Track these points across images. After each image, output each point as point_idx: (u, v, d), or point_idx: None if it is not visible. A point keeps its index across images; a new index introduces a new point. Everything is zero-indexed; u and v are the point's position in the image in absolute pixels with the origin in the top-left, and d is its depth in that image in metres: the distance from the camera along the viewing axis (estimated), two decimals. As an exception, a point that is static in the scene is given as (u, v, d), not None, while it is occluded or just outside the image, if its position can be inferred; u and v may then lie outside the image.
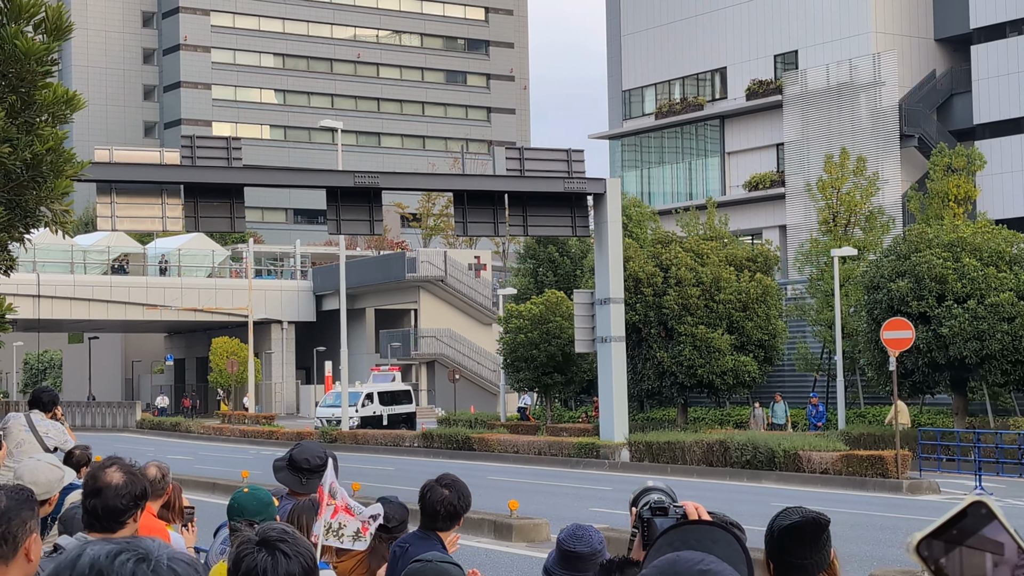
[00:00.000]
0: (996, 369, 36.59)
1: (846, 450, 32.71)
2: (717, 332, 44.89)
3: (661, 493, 3.76)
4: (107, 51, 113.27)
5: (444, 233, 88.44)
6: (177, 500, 7.73)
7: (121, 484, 5.04)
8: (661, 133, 76.76)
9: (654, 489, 3.80)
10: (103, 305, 75.96)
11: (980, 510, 1.78)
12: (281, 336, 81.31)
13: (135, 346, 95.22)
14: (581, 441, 40.48)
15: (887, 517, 23.74)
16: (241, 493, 6.26)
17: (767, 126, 70.85)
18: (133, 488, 5.06)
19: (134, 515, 5.05)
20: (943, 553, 1.79)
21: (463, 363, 73.00)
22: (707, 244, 47.62)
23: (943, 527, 1.80)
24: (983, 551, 1.78)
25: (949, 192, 48.98)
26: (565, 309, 48.71)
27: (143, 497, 5.09)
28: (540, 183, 37.92)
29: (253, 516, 6.10)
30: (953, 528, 1.79)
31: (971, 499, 1.80)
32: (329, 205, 35.92)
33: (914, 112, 65.65)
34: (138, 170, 33.49)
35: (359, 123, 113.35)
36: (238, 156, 34.54)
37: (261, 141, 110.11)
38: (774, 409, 44.76)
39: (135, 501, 5.05)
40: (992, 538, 1.78)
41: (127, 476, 5.07)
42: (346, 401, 54.48)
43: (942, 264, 37.16)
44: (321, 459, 7.35)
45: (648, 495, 3.75)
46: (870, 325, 38.50)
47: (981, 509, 1.79)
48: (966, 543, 1.79)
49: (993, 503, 1.79)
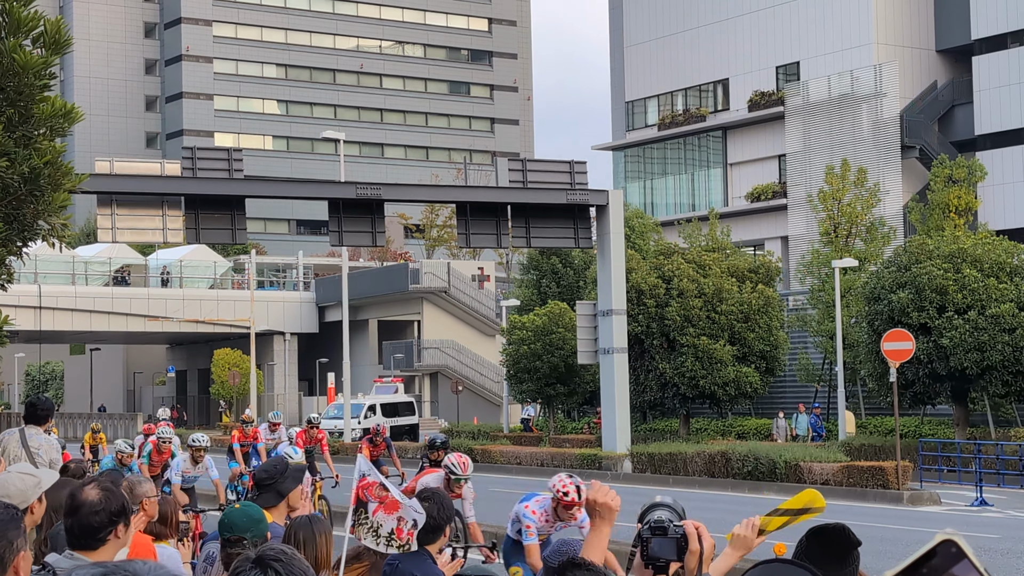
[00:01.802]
0: (997, 380, 36.58)
1: (847, 461, 32.68)
2: (719, 343, 44.87)
3: (667, 510, 3.76)
4: (109, 62, 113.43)
5: (447, 244, 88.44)
6: (173, 515, 7.73)
7: (96, 501, 5.01)
8: (664, 144, 76.81)
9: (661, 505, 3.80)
10: (104, 316, 75.96)
11: (950, 548, 1.75)
12: (283, 347, 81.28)
13: (137, 358, 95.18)
14: (584, 452, 40.46)
15: (888, 528, 23.71)
16: (232, 509, 6.28)
17: (769, 137, 70.89)
18: (109, 505, 5.02)
19: (113, 532, 5.01)
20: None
21: (466, 374, 72.95)
22: (709, 255, 47.63)
23: (912, 566, 1.77)
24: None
25: (950, 203, 48.98)
26: (568, 320, 48.71)
27: (121, 514, 5.03)
28: (543, 194, 37.94)
29: (242, 532, 6.11)
30: (923, 567, 1.76)
31: (940, 537, 1.76)
32: (331, 216, 35.92)
33: (915, 123, 65.68)
34: (139, 181, 33.51)
35: (362, 134, 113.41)
36: (239, 167, 34.55)
37: (263, 152, 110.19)
38: (797, 420, 44.60)
39: (111, 518, 5.01)
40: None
41: (103, 493, 5.04)
42: (348, 413, 54.45)
43: (943, 275, 37.15)
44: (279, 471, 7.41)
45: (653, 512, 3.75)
46: (871, 336, 38.49)
47: (951, 548, 1.75)
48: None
49: (962, 541, 1.75)
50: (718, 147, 74.24)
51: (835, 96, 66.69)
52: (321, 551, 6.39)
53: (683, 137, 75.62)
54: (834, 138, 65.97)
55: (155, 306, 76.80)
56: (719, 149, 74.19)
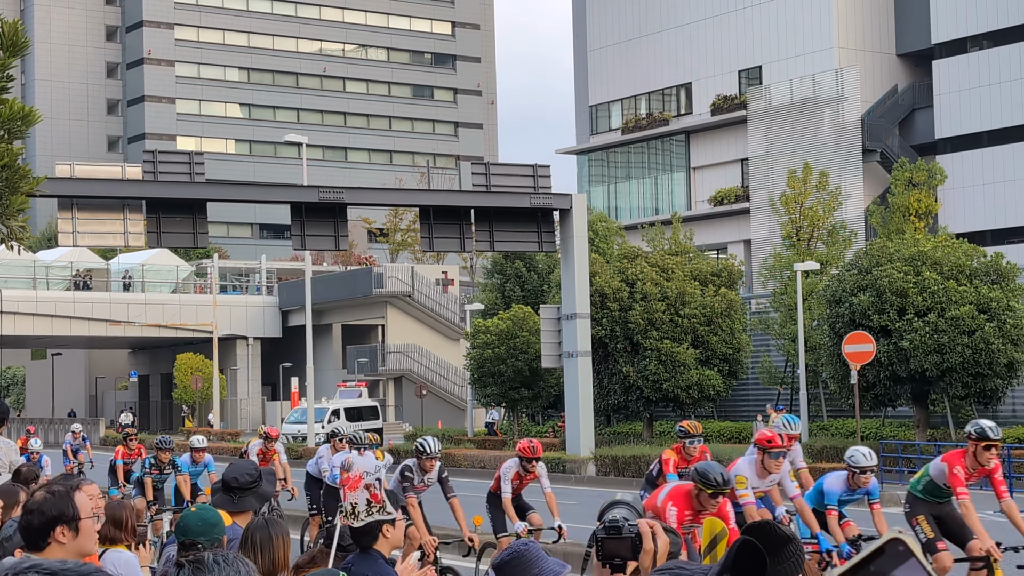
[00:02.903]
0: (957, 382, 36.83)
1: (809, 463, 32.74)
2: (682, 347, 45.02)
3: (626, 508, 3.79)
4: (71, 65, 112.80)
5: (411, 248, 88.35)
6: (129, 519, 7.71)
7: (34, 504, 5.09)
8: (627, 148, 77.01)
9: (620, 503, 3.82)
10: (66, 321, 75.50)
11: (897, 547, 1.75)
12: (247, 352, 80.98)
13: (99, 362, 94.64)
14: (548, 456, 40.47)
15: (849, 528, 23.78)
16: (188, 512, 6.27)
17: (732, 141, 71.19)
18: (45, 508, 5.07)
19: (52, 535, 5.04)
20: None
21: (430, 378, 72.90)
22: (672, 259, 47.79)
23: (860, 564, 1.78)
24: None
25: (910, 206, 49.32)
26: (532, 324, 48.75)
27: (60, 518, 5.07)
28: (506, 198, 37.95)
29: (196, 536, 6.12)
30: (870, 565, 1.77)
31: (889, 536, 1.76)
32: (294, 220, 35.82)
33: (876, 127, 66.10)
34: (100, 185, 33.32)
35: (325, 138, 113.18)
36: (201, 171, 34.40)
37: (226, 156, 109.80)
38: (774, 424, 44.62)
39: (45, 523, 5.05)
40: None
41: (44, 496, 5.10)
42: (312, 417, 54.29)
43: (903, 278, 37.39)
44: (251, 476, 7.42)
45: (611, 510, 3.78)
46: (832, 339, 38.70)
47: (898, 546, 1.76)
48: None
49: (911, 540, 1.76)
50: (681, 151, 74.49)
51: (797, 100, 67.04)
52: (278, 553, 6.39)
53: (646, 141, 75.84)
54: (796, 142, 66.31)
55: (117, 310, 76.36)
56: (682, 153, 74.45)
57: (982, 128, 63.21)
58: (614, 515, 3.73)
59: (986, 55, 63.33)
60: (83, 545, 5.15)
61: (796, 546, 4.90)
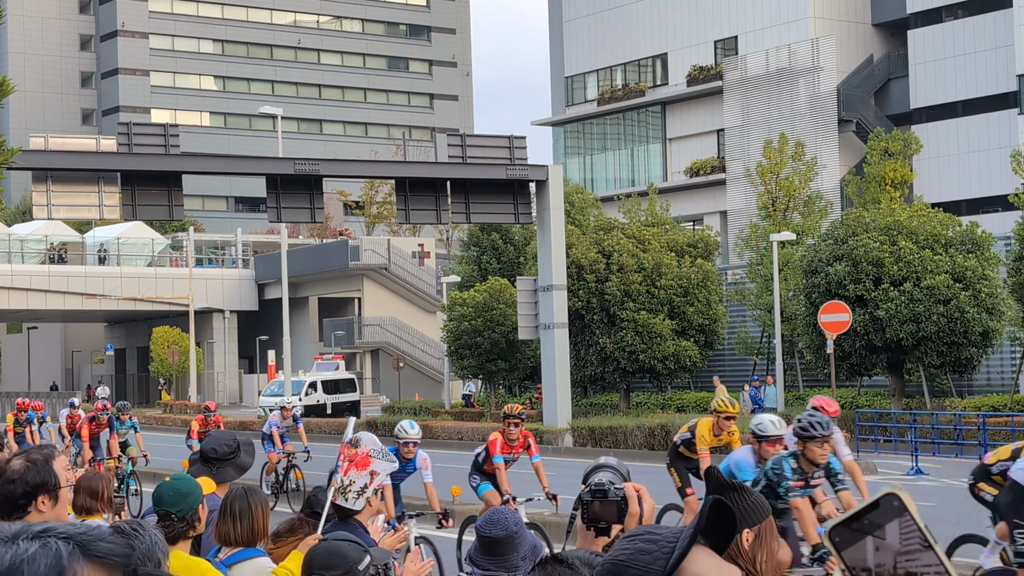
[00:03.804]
0: (932, 351, 37.03)
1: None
2: (659, 318, 45.11)
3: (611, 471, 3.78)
4: (44, 38, 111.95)
5: (387, 221, 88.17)
6: (106, 489, 7.70)
7: (15, 471, 5.05)
8: (603, 119, 76.94)
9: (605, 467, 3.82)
10: (41, 295, 75.17)
11: (892, 502, 1.79)
12: (223, 325, 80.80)
13: (75, 336, 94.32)
14: (525, 427, 40.52)
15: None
16: (162, 483, 6.28)
17: (708, 112, 71.18)
18: (27, 476, 5.05)
19: (33, 504, 5.03)
20: (852, 542, 1.81)
21: (407, 351, 72.90)
22: (649, 230, 47.84)
23: (855, 516, 1.81)
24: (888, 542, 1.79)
25: (886, 176, 49.48)
26: (509, 296, 48.76)
27: (41, 488, 5.06)
28: (482, 170, 37.89)
29: (169, 507, 6.13)
30: (864, 518, 1.80)
31: (885, 491, 1.80)
32: (269, 193, 35.71)
33: (852, 97, 66.18)
34: (74, 158, 33.16)
35: (300, 110, 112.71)
36: (175, 143, 34.25)
37: (200, 128, 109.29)
38: (765, 392, 44.81)
39: (27, 491, 5.04)
40: (900, 530, 1.79)
41: (27, 464, 5.08)
42: (289, 390, 54.25)
43: (879, 247, 37.52)
44: (229, 447, 7.43)
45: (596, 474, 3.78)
46: (808, 309, 38.85)
47: (893, 501, 1.79)
48: (874, 533, 1.80)
49: (906, 496, 1.80)
50: (657, 122, 74.46)
51: (773, 70, 67.05)
52: (258, 522, 6.40)
53: (622, 112, 75.78)
54: (772, 112, 66.36)
55: (92, 284, 76.06)
56: (658, 124, 74.42)
57: (957, 98, 63.36)
58: (599, 478, 3.73)
59: (961, 24, 63.42)
60: (60, 514, 5.15)
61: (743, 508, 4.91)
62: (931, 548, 1.78)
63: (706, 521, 2.26)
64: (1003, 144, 58.69)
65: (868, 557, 1.82)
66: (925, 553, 1.79)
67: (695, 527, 2.24)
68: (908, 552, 1.80)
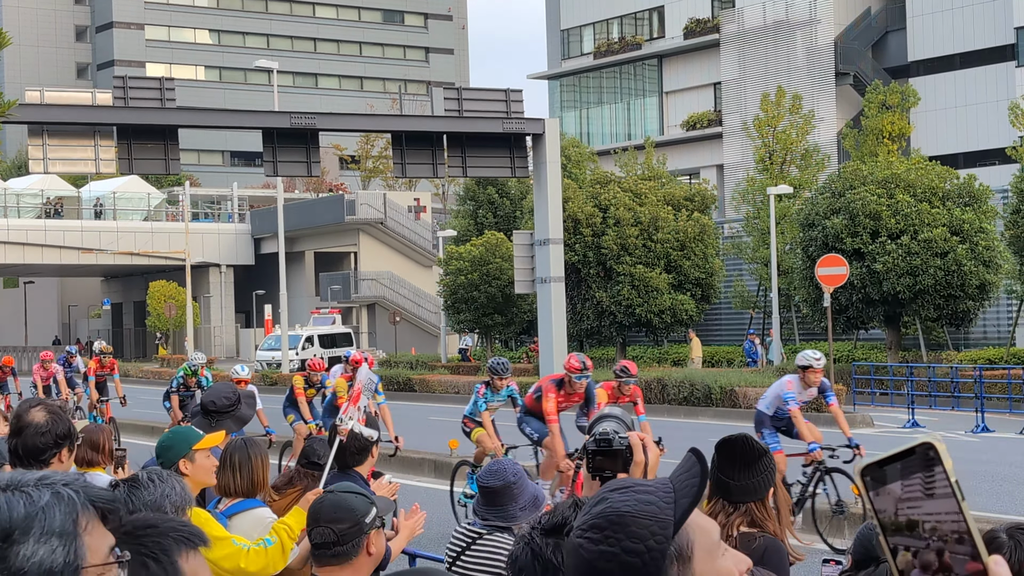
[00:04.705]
0: (929, 304, 37.07)
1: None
2: (655, 271, 45.12)
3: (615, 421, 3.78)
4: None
5: (383, 175, 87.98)
6: (107, 442, 7.72)
7: (42, 423, 5.05)
8: (600, 73, 76.63)
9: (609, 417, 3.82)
10: (38, 249, 75.09)
11: (928, 452, 1.80)
12: (219, 280, 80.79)
13: (72, 291, 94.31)
14: (521, 381, 40.51)
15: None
16: (165, 435, 6.30)
17: (704, 65, 70.91)
18: (55, 427, 5.06)
19: (57, 455, 5.05)
20: (881, 484, 1.82)
21: (404, 305, 72.94)
22: (645, 184, 47.77)
23: (889, 459, 1.82)
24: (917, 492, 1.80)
25: (883, 129, 49.34)
26: (505, 250, 48.75)
27: (66, 437, 5.08)
28: (479, 124, 37.78)
29: (157, 458, 6.16)
30: (898, 463, 1.81)
31: (924, 439, 1.80)
32: (265, 147, 35.62)
33: (849, 50, 65.93)
34: (70, 111, 33.05)
35: (295, 64, 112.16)
36: (171, 97, 34.13)
37: (196, 82, 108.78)
38: (771, 346, 44.83)
39: (57, 440, 5.05)
40: (930, 482, 1.79)
41: (50, 415, 5.08)
42: (286, 344, 54.33)
43: (876, 201, 37.49)
44: (228, 399, 7.45)
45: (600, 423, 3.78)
46: (805, 262, 38.85)
47: (929, 451, 1.80)
48: (904, 480, 1.81)
49: (943, 449, 1.80)
50: (654, 75, 74.18)
51: (770, 23, 66.74)
52: (257, 473, 6.42)
53: (619, 66, 75.47)
54: (769, 65, 66.11)
55: (89, 238, 75.98)
56: (655, 78, 74.14)
57: (955, 51, 63.12)
58: (604, 428, 3.73)
59: (959, -23, 63.11)
60: (69, 466, 5.19)
61: (769, 460, 5.00)
62: (958, 505, 1.78)
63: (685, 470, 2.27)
64: (1001, 97, 58.53)
65: (895, 503, 1.83)
66: (951, 508, 1.79)
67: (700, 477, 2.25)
68: (935, 504, 1.80)
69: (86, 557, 1.95)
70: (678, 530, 2.18)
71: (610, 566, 2.16)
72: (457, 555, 5.76)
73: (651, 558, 2.16)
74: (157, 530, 2.46)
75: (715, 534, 2.23)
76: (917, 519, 1.78)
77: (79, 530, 1.96)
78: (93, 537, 1.98)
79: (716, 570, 2.20)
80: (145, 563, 2.39)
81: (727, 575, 2.22)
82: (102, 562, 1.98)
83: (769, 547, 4.86)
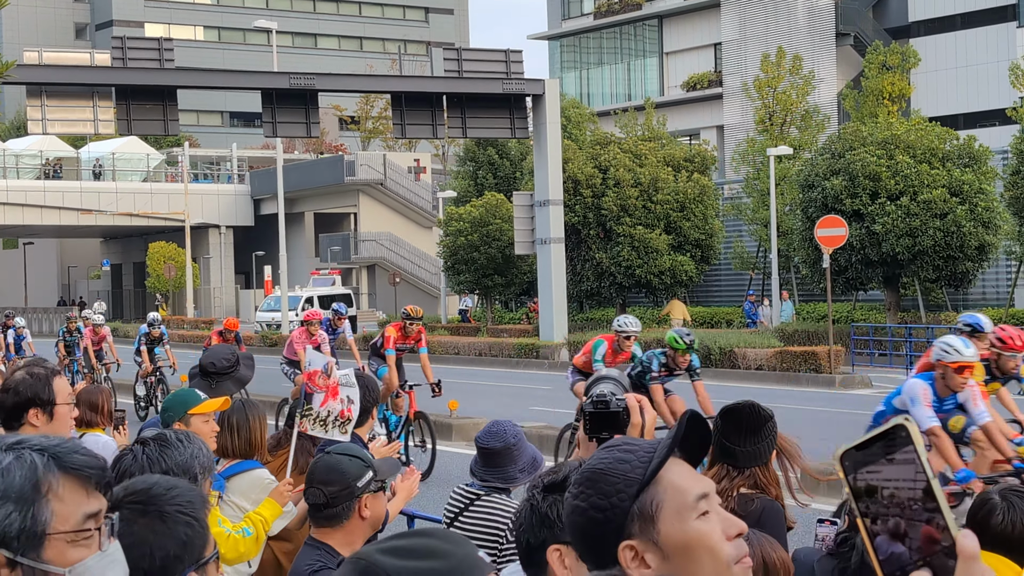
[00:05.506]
0: (928, 265, 37.08)
1: (780, 347, 33.13)
2: (655, 232, 45.11)
3: (612, 383, 3.80)
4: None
5: (383, 136, 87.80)
6: (106, 403, 7.75)
7: (11, 381, 5.15)
8: (600, 33, 76.34)
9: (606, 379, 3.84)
10: (37, 210, 75.05)
11: (900, 432, 1.86)
12: (219, 241, 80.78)
13: (71, 252, 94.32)
14: (521, 342, 40.73)
15: (819, 411, 24.17)
16: (168, 396, 6.35)
17: (705, 25, 70.64)
18: (20, 388, 5.13)
19: (26, 416, 5.10)
20: (858, 468, 1.88)
21: (404, 266, 72.96)
22: (645, 145, 47.70)
23: (866, 443, 1.88)
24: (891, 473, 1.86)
25: (884, 90, 49.21)
26: (505, 211, 48.72)
27: (34, 400, 5.12)
28: (479, 84, 37.73)
29: (159, 417, 6.20)
30: (874, 446, 1.88)
31: (895, 422, 1.87)
32: (265, 107, 35.58)
33: (850, 10, 65.67)
34: (68, 72, 32.98)
35: (295, 24, 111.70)
36: (170, 57, 34.06)
37: (194, 42, 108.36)
38: (783, 308, 44.78)
39: (25, 402, 5.11)
40: (903, 461, 1.86)
41: (23, 377, 5.15)
42: (286, 305, 54.36)
43: (876, 162, 37.43)
44: (228, 361, 7.47)
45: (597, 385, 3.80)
46: (805, 223, 38.83)
47: (901, 432, 1.86)
48: (879, 462, 1.87)
49: (913, 429, 1.86)
50: (654, 36, 73.90)
51: (771, -17, 66.45)
52: (255, 434, 6.46)
53: (619, 26, 75.18)
54: (769, 26, 65.86)
55: (88, 199, 75.92)
56: (655, 38, 73.87)
57: (956, 11, 62.87)
58: (601, 390, 3.74)
59: (961, -63, 62.80)
60: (57, 430, 5.19)
61: (773, 425, 5.06)
62: (928, 482, 1.83)
63: (683, 433, 2.31)
64: (1001, 58, 58.33)
65: (872, 484, 1.89)
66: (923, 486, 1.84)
67: (672, 438, 2.30)
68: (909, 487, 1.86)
69: (51, 523, 1.93)
70: (643, 489, 2.24)
71: (580, 520, 2.28)
72: (455, 516, 5.80)
73: (613, 515, 2.24)
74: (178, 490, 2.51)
75: (691, 495, 2.27)
76: (890, 496, 1.84)
77: (41, 495, 1.94)
78: (65, 503, 1.96)
79: (684, 530, 2.25)
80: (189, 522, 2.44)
81: (700, 537, 2.25)
82: (74, 528, 1.96)
83: (767, 509, 4.92)
